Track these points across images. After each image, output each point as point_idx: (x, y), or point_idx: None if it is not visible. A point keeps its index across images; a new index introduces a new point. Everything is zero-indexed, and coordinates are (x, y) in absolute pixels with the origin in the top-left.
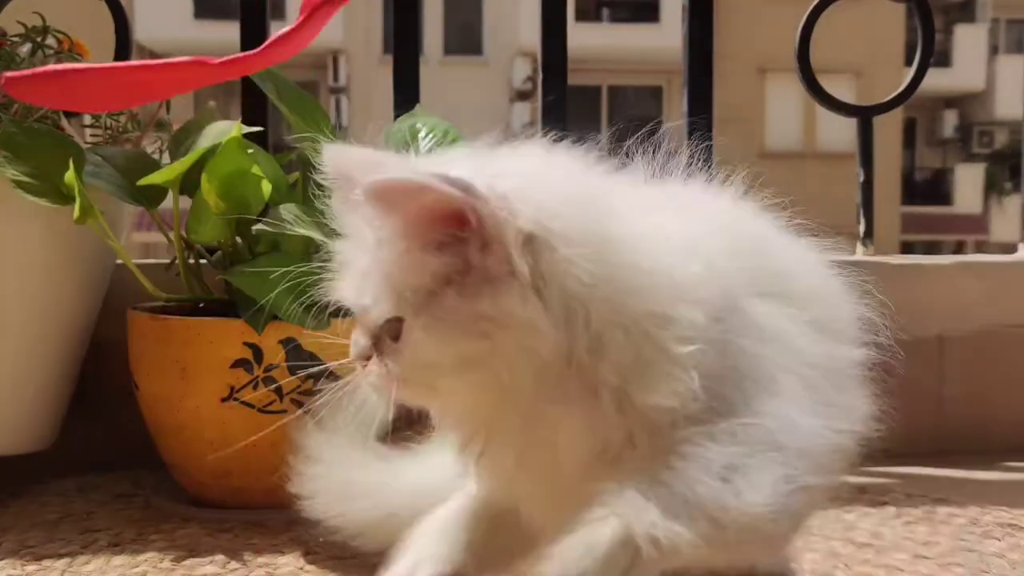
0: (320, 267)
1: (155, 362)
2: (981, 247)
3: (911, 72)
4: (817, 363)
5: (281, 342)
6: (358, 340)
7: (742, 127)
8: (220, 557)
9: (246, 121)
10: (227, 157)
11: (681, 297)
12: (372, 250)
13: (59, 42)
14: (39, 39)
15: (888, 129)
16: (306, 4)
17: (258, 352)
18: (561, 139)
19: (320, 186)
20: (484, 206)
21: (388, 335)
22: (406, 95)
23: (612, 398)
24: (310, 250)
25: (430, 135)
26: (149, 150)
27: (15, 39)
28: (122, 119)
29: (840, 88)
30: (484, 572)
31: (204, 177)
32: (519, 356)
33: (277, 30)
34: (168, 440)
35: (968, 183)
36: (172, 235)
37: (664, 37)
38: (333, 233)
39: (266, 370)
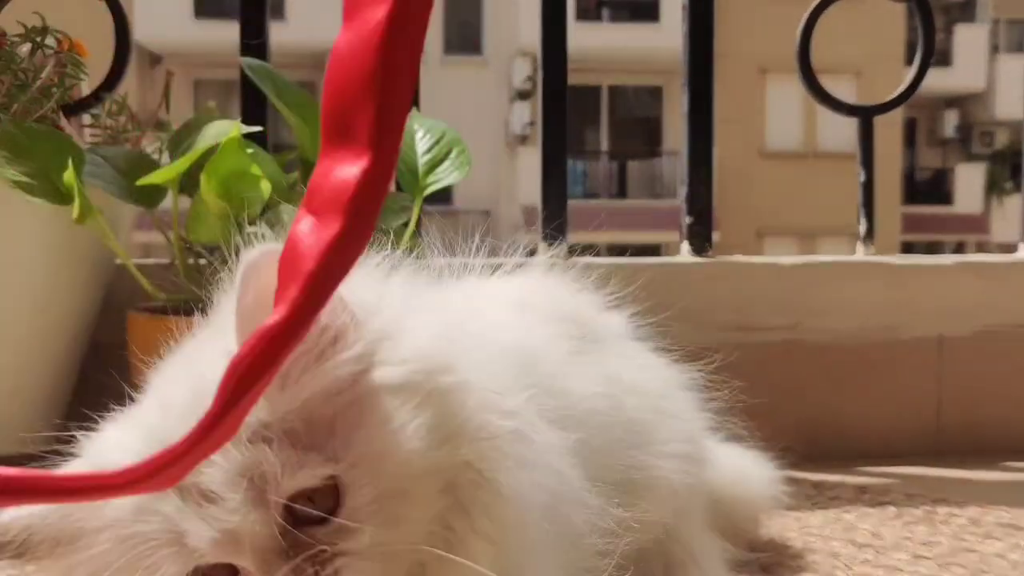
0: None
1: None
2: (981, 247)
3: (911, 72)
4: None
5: None
6: (273, 570)
7: (742, 127)
8: None
9: (246, 121)
10: (227, 157)
11: None
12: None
13: (59, 42)
14: (39, 39)
15: (888, 129)
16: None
17: None
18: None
19: None
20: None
21: (313, 521)
22: None
23: None
24: None
25: (427, 137)
26: (149, 150)
27: (15, 39)
28: (122, 119)
29: (840, 88)
30: None
31: (203, 177)
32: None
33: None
34: None
35: (968, 183)
36: (172, 235)
37: (664, 37)
38: None
39: None
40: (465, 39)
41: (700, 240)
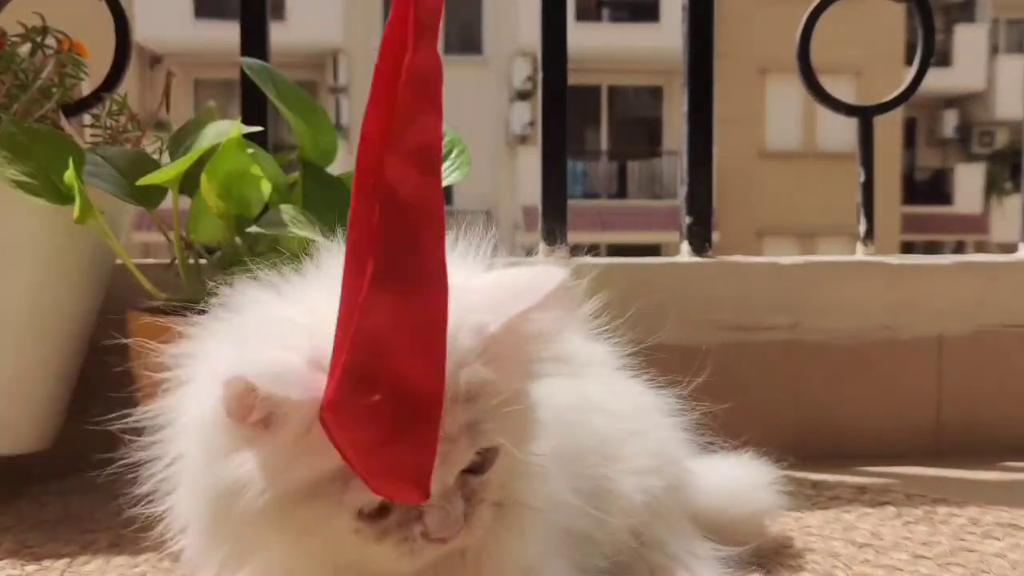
0: None
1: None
2: (981, 247)
3: (911, 72)
4: None
5: None
6: (453, 505)
7: (742, 127)
8: None
9: (246, 121)
10: (227, 157)
11: None
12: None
13: (59, 42)
14: (39, 39)
15: (888, 129)
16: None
17: None
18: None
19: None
20: None
21: (475, 471)
22: None
23: None
24: (308, 250)
25: None
26: (149, 150)
27: (15, 39)
28: (122, 119)
29: (840, 88)
30: None
31: (204, 177)
32: None
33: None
34: None
35: (968, 183)
36: (172, 235)
37: (664, 37)
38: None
39: None
40: (465, 39)
41: (700, 240)
